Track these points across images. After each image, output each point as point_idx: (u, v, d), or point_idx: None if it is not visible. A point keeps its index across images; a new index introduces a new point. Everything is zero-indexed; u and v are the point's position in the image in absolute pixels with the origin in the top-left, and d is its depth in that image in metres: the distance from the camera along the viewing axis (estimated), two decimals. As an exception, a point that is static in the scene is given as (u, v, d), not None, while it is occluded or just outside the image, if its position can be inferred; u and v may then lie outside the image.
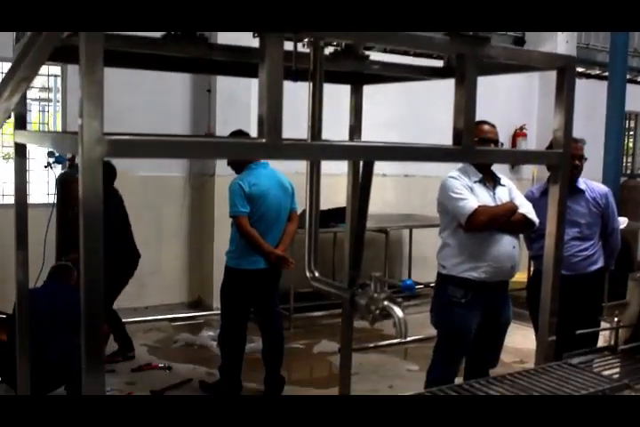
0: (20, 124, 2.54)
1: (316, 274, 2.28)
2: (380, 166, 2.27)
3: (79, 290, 1.58)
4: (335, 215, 6.26)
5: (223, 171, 6.23)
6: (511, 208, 3.84)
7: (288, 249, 4.92)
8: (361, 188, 2.33)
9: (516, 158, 2.15)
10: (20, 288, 3.05)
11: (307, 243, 2.34)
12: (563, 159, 2.16)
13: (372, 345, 6.27)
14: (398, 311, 1.78)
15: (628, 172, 10.92)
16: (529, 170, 9.44)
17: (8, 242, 3.04)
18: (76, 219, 1.57)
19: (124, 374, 5.33)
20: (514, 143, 9.39)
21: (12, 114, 2.56)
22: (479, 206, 3.74)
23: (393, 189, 8.23)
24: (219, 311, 5.29)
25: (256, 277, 4.75)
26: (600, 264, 4.33)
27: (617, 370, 2.47)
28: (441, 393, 2.03)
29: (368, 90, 2.71)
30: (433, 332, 4.29)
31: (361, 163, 2.43)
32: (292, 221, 4.92)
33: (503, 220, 3.80)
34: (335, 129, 2.81)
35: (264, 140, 1.64)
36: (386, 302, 1.82)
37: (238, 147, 1.74)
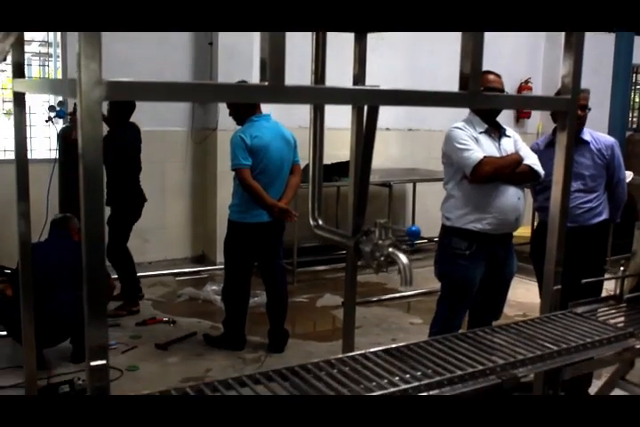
0: (19, 72, 2.49)
1: (320, 222, 2.26)
2: (383, 120, 2.22)
3: (80, 243, 1.56)
4: (338, 169, 6.24)
5: (226, 125, 6.20)
6: (516, 159, 3.80)
7: (291, 202, 4.90)
8: (365, 136, 2.28)
9: (524, 104, 2.11)
10: (23, 240, 3.03)
11: (310, 190, 2.30)
12: (571, 105, 2.12)
13: (375, 299, 6.29)
14: (403, 258, 1.75)
15: (634, 126, 10.82)
16: (534, 124, 9.37)
17: (11, 198, 3.02)
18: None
19: (128, 328, 5.37)
20: (519, 97, 9.27)
21: (10, 63, 2.52)
22: (484, 157, 3.70)
23: (396, 143, 8.18)
24: (222, 266, 5.30)
25: (259, 231, 4.74)
26: (604, 216, 4.30)
27: (622, 319, 2.47)
28: (445, 341, 2.03)
29: (372, 42, 2.64)
30: (436, 286, 4.30)
31: (365, 114, 2.38)
32: (294, 174, 4.88)
33: (508, 171, 3.76)
34: (339, 81, 2.76)
35: (266, 84, 1.60)
36: (390, 249, 1.79)
37: (240, 90, 1.70)
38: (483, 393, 1.79)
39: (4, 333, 4.69)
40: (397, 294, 6.50)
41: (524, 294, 6.03)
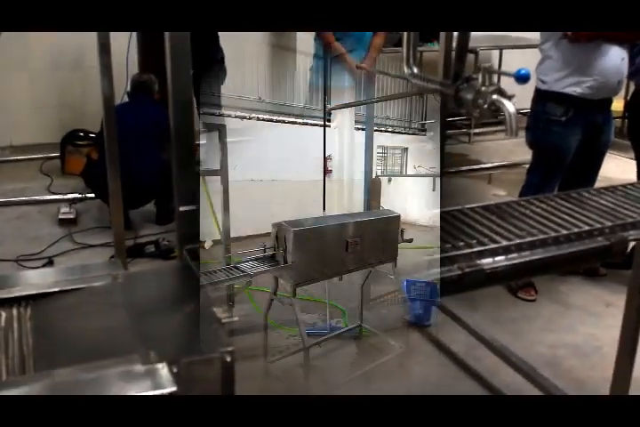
0: None
1: (415, 70, 2.10)
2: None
3: (162, 104, 1.50)
4: (422, 34, 5.95)
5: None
6: (623, 15, 3.49)
7: (375, 65, 4.71)
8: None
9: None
10: (106, 101, 2.98)
11: (405, 35, 2.14)
12: None
13: (453, 170, 6.12)
14: (509, 105, 1.58)
15: None
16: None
17: (92, 63, 2.94)
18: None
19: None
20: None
21: None
22: (589, 12, 3.40)
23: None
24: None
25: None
26: None
27: None
28: (548, 200, 1.91)
29: None
30: (519, 158, 4.07)
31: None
32: (377, 35, 4.65)
33: (614, 28, 3.46)
34: None
35: None
36: (495, 96, 1.62)
37: None
38: (589, 255, 1.69)
39: (93, 195, 4.77)
40: (478, 166, 6.34)
41: (613, 170, 5.72)
